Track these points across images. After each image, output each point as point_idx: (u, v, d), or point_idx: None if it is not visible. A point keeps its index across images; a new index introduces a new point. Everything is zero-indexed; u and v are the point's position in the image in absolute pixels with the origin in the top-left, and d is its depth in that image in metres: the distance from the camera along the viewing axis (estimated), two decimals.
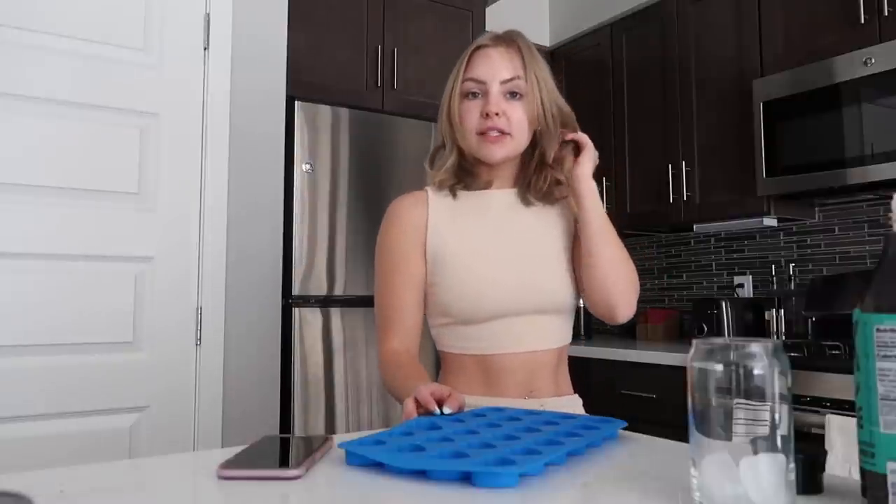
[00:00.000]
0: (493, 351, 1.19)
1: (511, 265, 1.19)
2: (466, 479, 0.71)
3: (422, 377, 1.12)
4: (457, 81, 1.22)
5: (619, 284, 1.18)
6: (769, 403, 0.58)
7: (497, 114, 1.17)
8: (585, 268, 1.19)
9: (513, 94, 1.19)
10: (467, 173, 1.25)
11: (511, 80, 1.19)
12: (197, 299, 2.05)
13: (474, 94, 1.20)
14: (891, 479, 0.58)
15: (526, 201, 1.25)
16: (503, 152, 1.20)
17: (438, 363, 1.28)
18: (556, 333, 1.22)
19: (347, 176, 2.45)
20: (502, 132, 1.18)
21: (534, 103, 1.20)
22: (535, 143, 1.23)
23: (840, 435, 1.83)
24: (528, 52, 1.22)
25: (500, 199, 1.26)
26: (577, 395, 1.27)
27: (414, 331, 1.22)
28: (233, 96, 2.14)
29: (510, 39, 1.23)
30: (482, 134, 1.19)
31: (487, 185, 1.26)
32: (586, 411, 1.25)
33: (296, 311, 2.29)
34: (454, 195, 1.26)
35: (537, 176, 1.24)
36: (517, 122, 1.19)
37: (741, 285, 2.91)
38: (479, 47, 1.23)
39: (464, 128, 1.20)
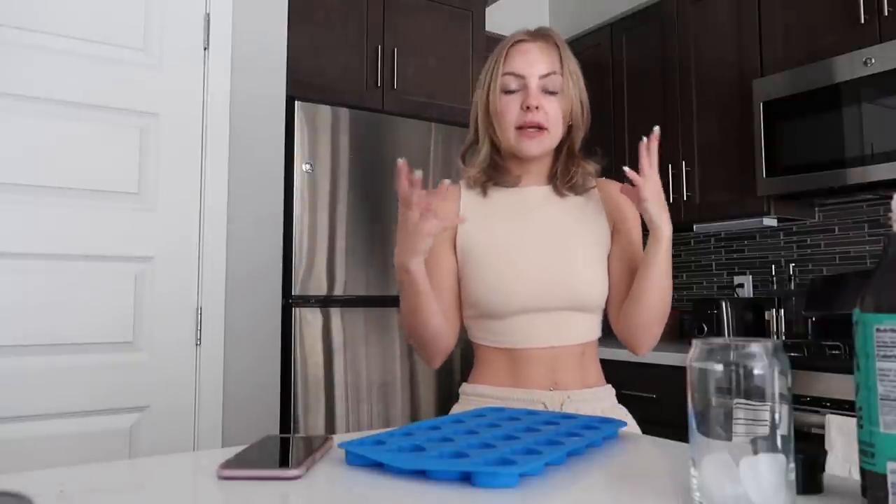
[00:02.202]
0: (518, 345, 1.21)
1: (537, 262, 1.20)
2: (466, 479, 0.71)
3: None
4: (495, 76, 1.23)
5: (653, 327, 1.21)
6: (769, 403, 0.58)
7: (537, 107, 1.19)
8: (630, 298, 1.21)
9: (550, 90, 1.22)
10: (499, 168, 1.27)
11: (549, 75, 1.21)
12: (197, 299, 2.05)
13: (513, 90, 1.22)
14: (891, 479, 0.58)
15: (559, 193, 1.27)
16: (540, 148, 1.23)
17: (464, 354, 1.29)
18: (580, 330, 1.22)
19: (347, 176, 2.44)
20: (540, 127, 1.20)
21: (568, 98, 1.23)
22: (564, 137, 1.27)
23: (840, 435, 1.83)
24: (563, 48, 1.25)
25: (533, 195, 1.28)
26: (608, 386, 1.28)
27: (455, 314, 1.26)
28: (233, 96, 2.14)
29: (546, 35, 1.26)
30: (520, 129, 1.21)
31: (518, 181, 1.28)
32: None
33: (296, 311, 2.29)
34: (485, 193, 1.28)
35: (567, 167, 1.27)
36: (554, 117, 1.22)
37: (741, 285, 2.91)
38: (516, 42, 1.24)
39: (504, 122, 1.22)
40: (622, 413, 1.26)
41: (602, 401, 1.24)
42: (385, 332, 2.46)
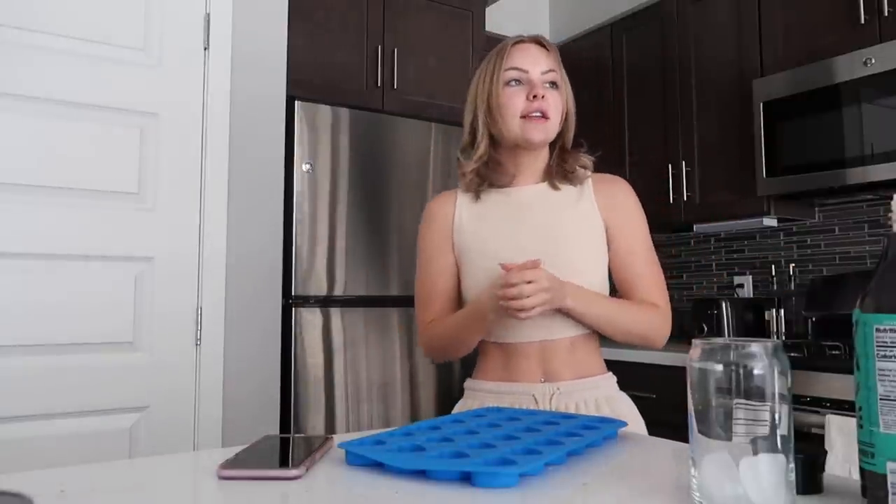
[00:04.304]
0: (509, 339, 1.25)
1: (524, 258, 1.20)
2: (466, 479, 0.71)
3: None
4: (497, 72, 1.28)
5: (630, 339, 1.28)
6: (769, 403, 0.58)
7: (543, 96, 1.25)
8: None
9: (551, 84, 1.28)
10: (493, 166, 1.31)
11: (550, 70, 1.28)
12: (197, 299, 2.05)
13: (517, 82, 1.27)
14: (891, 479, 0.58)
15: (554, 186, 1.31)
16: (543, 134, 1.27)
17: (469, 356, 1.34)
18: (569, 323, 1.24)
19: (347, 176, 2.44)
20: (544, 115, 1.25)
21: (565, 95, 1.31)
22: (558, 135, 1.32)
23: (840, 435, 1.83)
24: (557, 55, 1.33)
25: (526, 193, 1.31)
26: (608, 375, 1.31)
27: (447, 313, 1.31)
28: (233, 96, 2.14)
29: (544, 39, 1.33)
30: (524, 118, 1.25)
31: (511, 181, 1.32)
32: None
33: (296, 311, 2.29)
34: (478, 196, 1.33)
35: (561, 160, 1.32)
36: (555, 108, 1.27)
37: (741, 285, 2.91)
38: (516, 42, 1.31)
39: (507, 113, 1.26)
40: (623, 399, 1.29)
41: (599, 389, 1.26)
42: (385, 332, 2.46)
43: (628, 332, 1.26)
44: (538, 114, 1.25)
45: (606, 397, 1.26)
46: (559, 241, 1.25)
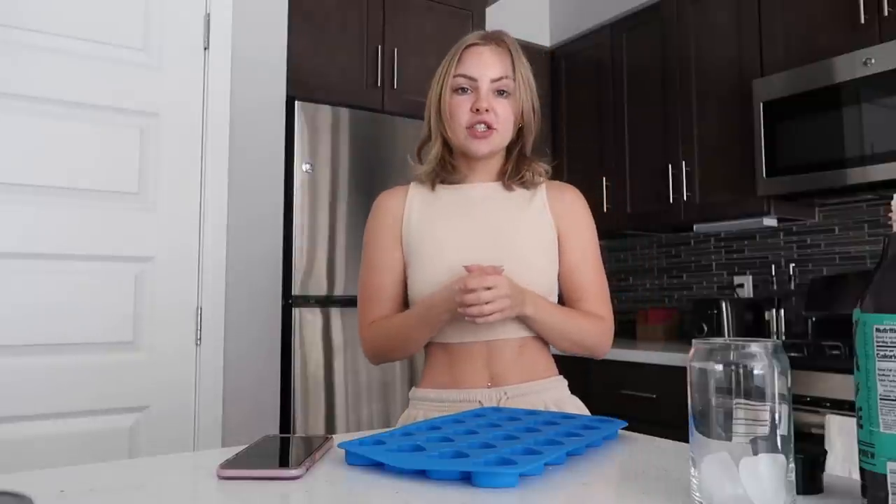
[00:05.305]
0: (453, 340, 1.21)
1: (472, 256, 1.17)
2: (466, 479, 0.71)
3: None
4: (447, 77, 1.25)
5: (575, 350, 1.26)
6: (769, 403, 0.58)
7: (487, 109, 1.21)
8: None
9: (501, 92, 1.23)
10: (448, 167, 1.28)
11: (500, 78, 1.23)
12: (197, 299, 2.05)
13: (464, 90, 1.23)
14: (891, 479, 0.58)
15: (507, 187, 1.28)
16: (489, 147, 1.24)
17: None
18: (516, 324, 1.20)
19: (347, 176, 2.44)
20: (489, 127, 1.22)
21: (519, 101, 1.25)
22: (515, 139, 1.29)
23: (840, 435, 1.83)
24: (515, 53, 1.27)
25: (479, 190, 1.29)
26: (559, 377, 1.28)
27: (391, 314, 1.27)
28: (233, 96, 2.14)
29: (500, 39, 1.27)
30: (470, 128, 1.22)
31: (465, 179, 1.29)
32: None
33: (296, 311, 2.29)
34: (432, 188, 1.30)
35: (518, 167, 1.28)
36: (504, 118, 1.23)
37: (741, 285, 2.91)
38: (470, 45, 1.26)
39: (454, 121, 1.24)
40: (573, 403, 1.25)
41: (548, 393, 1.23)
42: None
43: (576, 342, 1.23)
44: (482, 127, 1.21)
45: (555, 400, 1.22)
46: (510, 241, 1.22)
